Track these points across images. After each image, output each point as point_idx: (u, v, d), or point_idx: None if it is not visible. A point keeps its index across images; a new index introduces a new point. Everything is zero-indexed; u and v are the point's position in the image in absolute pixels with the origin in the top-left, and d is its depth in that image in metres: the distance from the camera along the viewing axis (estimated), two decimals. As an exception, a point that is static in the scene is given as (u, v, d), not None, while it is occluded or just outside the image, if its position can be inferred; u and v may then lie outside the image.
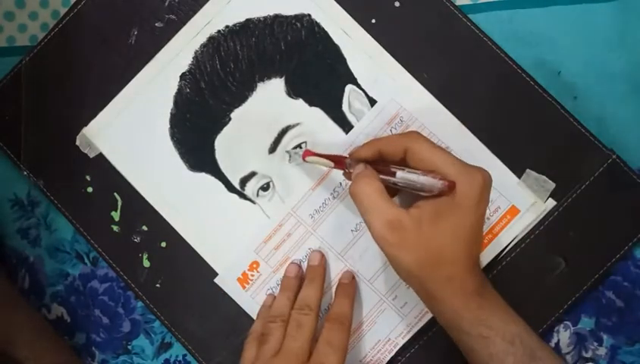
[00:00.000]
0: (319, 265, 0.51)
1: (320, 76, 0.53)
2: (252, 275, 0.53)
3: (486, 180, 0.43)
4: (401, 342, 0.51)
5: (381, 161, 0.45)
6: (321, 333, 0.47)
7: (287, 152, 0.53)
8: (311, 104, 0.53)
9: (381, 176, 0.44)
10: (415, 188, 0.43)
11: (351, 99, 0.52)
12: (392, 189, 0.45)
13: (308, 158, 0.48)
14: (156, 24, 0.54)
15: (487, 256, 0.51)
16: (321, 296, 0.50)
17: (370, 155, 0.46)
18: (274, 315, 0.49)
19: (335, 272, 0.52)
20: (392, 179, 0.44)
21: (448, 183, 0.42)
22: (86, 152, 0.55)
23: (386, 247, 0.43)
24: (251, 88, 0.53)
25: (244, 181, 0.53)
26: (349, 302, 0.50)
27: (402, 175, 0.43)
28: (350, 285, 0.51)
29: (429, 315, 0.51)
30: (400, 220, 0.42)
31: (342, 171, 0.48)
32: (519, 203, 0.50)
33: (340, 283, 0.51)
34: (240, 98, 0.53)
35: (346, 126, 0.52)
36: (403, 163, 0.44)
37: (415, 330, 0.51)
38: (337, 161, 0.47)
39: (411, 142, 0.44)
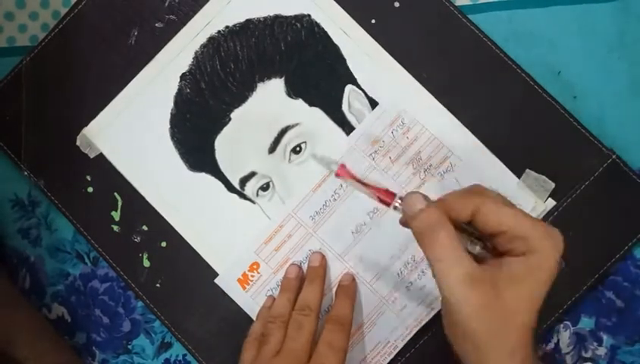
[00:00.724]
0: (320, 265, 0.51)
1: (320, 76, 0.53)
2: (253, 276, 0.53)
3: (561, 250, 0.38)
4: (400, 344, 0.51)
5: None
6: (322, 334, 0.47)
7: (315, 158, 0.48)
8: (311, 104, 0.53)
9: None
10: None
11: (351, 99, 0.52)
12: None
13: (342, 178, 0.42)
14: (156, 25, 0.54)
15: (486, 257, 0.51)
16: (322, 297, 0.50)
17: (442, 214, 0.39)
18: (274, 316, 0.49)
19: (335, 274, 0.52)
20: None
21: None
22: (86, 152, 0.55)
23: (465, 307, 0.37)
24: (251, 88, 0.53)
25: (244, 181, 0.53)
26: (349, 303, 0.50)
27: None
28: (351, 286, 0.51)
29: (428, 318, 0.51)
30: (482, 277, 0.36)
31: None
32: (519, 205, 0.50)
33: (341, 284, 0.52)
34: (240, 99, 0.53)
35: (345, 126, 0.52)
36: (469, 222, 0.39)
37: (414, 332, 0.51)
38: (384, 195, 0.41)
39: (481, 203, 0.38)
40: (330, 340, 0.46)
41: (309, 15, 0.53)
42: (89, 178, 0.55)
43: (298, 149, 0.52)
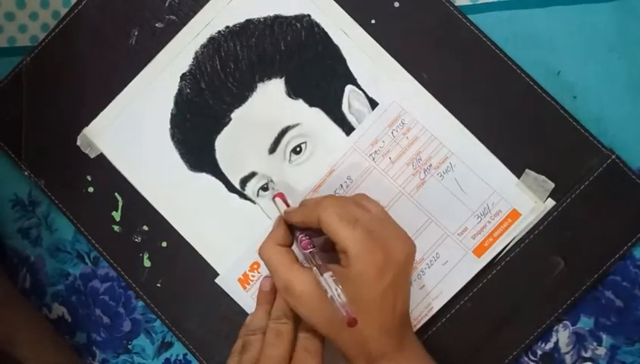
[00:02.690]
0: None
1: (320, 76, 0.53)
2: (253, 276, 0.53)
3: (389, 260, 0.43)
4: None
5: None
6: (298, 342, 0.47)
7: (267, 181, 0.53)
8: (311, 104, 0.53)
9: (305, 261, 0.45)
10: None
11: (351, 99, 0.52)
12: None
13: (276, 200, 0.51)
14: (156, 25, 0.54)
15: (486, 257, 0.51)
16: None
17: (295, 221, 0.48)
18: (254, 328, 0.48)
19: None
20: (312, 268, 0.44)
21: (347, 317, 0.39)
22: (86, 152, 0.55)
23: (292, 308, 0.45)
24: (251, 88, 0.53)
25: (244, 181, 0.53)
26: None
27: (320, 276, 0.42)
28: None
29: (427, 317, 0.51)
30: (292, 284, 0.44)
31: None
32: (520, 207, 0.50)
33: None
34: (240, 99, 0.53)
35: (345, 126, 0.52)
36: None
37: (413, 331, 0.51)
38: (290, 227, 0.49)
39: (321, 213, 0.44)
40: (307, 346, 0.46)
41: (308, 15, 0.53)
42: (89, 178, 0.55)
43: (298, 149, 0.53)
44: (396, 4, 0.52)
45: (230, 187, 0.53)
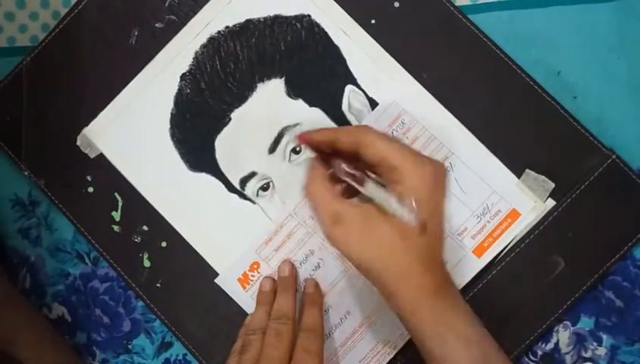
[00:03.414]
0: (290, 275, 0.51)
1: (320, 76, 0.53)
2: (253, 276, 0.53)
3: (438, 172, 0.41)
4: (400, 344, 0.51)
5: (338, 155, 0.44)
6: (297, 342, 0.47)
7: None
8: (311, 104, 0.53)
9: (350, 181, 0.43)
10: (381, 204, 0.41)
11: (351, 99, 0.52)
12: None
13: (300, 141, 0.48)
14: (156, 25, 0.54)
15: (486, 258, 0.51)
16: (295, 304, 0.50)
17: (322, 139, 0.45)
18: (254, 328, 0.48)
19: (335, 274, 0.52)
20: (360, 188, 0.42)
21: (419, 222, 0.38)
22: (86, 152, 0.55)
23: (333, 243, 0.42)
24: (251, 88, 0.53)
25: (244, 181, 0.53)
26: (317, 309, 0.50)
27: (369, 188, 0.41)
28: (317, 293, 0.51)
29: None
30: (340, 214, 0.41)
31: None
32: (520, 207, 0.50)
33: (306, 292, 0.51)
34: (240, 99, 0.53)
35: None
36: (357, 158, 0.43)
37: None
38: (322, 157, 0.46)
39: (362, 135, 0.42)
40: (307, 347, 0.46)
41: (308, 15, 0.53)
42: (89, 178, 0.55)
43: (298, 149, 0.53)
44: (396, 4, 0.52)
45: (230, 187, 0.54)
